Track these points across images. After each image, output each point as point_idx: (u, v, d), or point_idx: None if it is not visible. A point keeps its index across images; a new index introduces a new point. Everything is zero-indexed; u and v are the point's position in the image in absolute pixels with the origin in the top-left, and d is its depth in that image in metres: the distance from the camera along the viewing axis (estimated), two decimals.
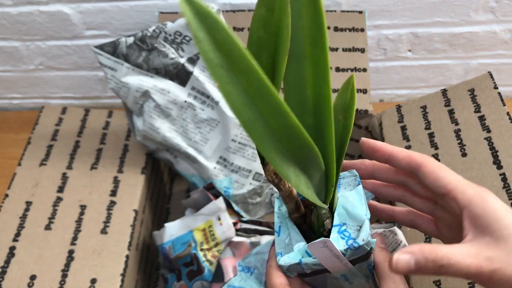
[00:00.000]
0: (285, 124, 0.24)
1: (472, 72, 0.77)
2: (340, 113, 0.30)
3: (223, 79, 0.22)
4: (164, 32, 0.53)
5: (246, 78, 0.22)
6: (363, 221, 0.30)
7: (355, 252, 0.30)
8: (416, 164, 0.33)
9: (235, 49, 0.22)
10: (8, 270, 0.47)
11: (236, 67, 0.22)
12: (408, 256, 0.29)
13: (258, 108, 0.24)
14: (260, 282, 0.46)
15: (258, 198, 0.61)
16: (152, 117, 0.54)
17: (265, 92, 0.23)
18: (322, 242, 0.29)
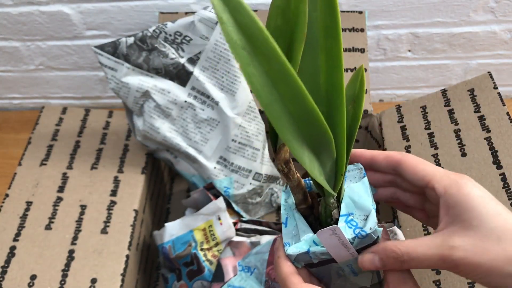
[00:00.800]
0: (304, 108, 0.25)
1: (472, 72, 0.77)
2: (349, 103, 0.30)
3: (245, 61, 0.23)
4: (164, 32, 0.53)
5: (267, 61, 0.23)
6: (370, 211, 0.31)
7: (362, 241, 0.31)
8: (395, 162, 0.34)
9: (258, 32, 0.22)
10: (8, 269, 0.47)
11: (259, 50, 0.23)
12: (372, 255, 0.30)
13: (278, 91, 0.24)
14: (260, 281, 0.46)
15: (258, 198, 0.61)
16: (152, 117, 0.54)
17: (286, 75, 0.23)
18: (331, 230, 0.29)
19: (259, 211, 0.64)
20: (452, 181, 0.31)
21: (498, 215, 0.29)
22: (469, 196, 0.29)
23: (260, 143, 0.58)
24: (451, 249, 0.28)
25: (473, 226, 0.28)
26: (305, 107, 0.25)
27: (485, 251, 0.28)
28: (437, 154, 0.51)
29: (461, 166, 0.49)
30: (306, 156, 0.28)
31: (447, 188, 0.31)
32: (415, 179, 0.33)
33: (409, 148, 0.54)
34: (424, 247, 0.29)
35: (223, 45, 0.53)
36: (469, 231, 0.28)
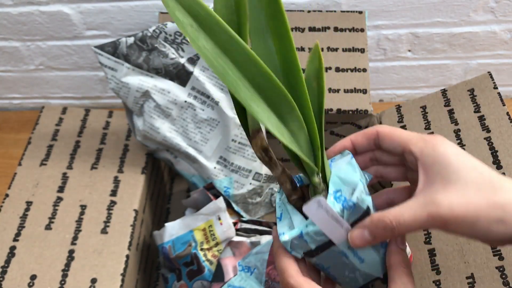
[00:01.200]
0: (258, 71, 0.27)
1: (472, 72, 0.77)
2: (313, 80, 0.32)
3: (194, 36, 0.26)
4: (164, 32, 0.53)
5: (214, 33, 0.26)
6: (357, 184, 0.31)
7: (352, 213, 0.31)
8: (371, 135, 0.35)
9: (202, 10, 0.25)
10: (8, 269, 0.47)
11: (205, 25, 0.26)
12: (360, 230, 0.31)
13: (230, 59, 0.27)
14: (260, 281, 0.46)
15: (258, 198, 0.61)
16: (152, 117, 0.54)
17: (235, 43, 0.26)
18: (316, 202, 0.30)
19: (259, 211, 0.64)
20: (427, 142, 0.32)
21: (474, 169, 0.30)
22: (445, 154, 0.30)
23: None
24: (437, 206, 0.29)
25: (453, 181, 0.29)
26: (259, 71, 0.27)
27: (468, 201, 0.28)
28: None
29: None
30: (272, 121, 0.29)
31: (423, 149, 0.31)
32: (392, 146, 0.33)
33: None
34: (410, 210, 0.29)
35: None
36: (449, 186, 0.29)
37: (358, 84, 0.61)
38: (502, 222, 0.28)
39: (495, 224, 0.28)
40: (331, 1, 0.66)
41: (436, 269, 0.45)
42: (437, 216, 0.29)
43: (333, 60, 0.62)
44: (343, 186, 0.32)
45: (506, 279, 0.41)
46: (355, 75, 0.61)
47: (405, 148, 0.32)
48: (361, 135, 0.35)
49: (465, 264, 0.44)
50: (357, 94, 0.61)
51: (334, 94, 0.61)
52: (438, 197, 0.29)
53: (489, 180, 0.29)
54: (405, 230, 0.30)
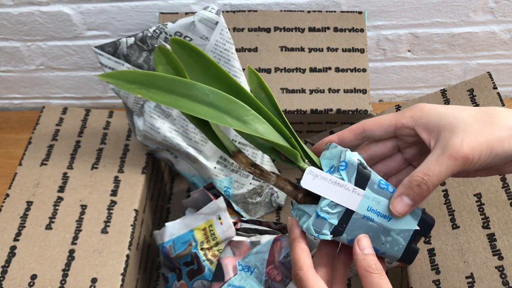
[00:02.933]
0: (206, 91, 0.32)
1: (471, 72, 0.77)
2: (260, 92, 0.36)
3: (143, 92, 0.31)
4: (164, 32, 0.53)
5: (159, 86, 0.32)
6: (341, 151, 0.33)
7: (348, 172, 0.32)
8: (358, 128, 0.36)
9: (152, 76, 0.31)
10: (9, 269, 0.47)
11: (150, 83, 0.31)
12: (399, 198, 0.33)
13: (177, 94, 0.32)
14: (260, 281, 0.46)
15: (258, 198, 0.61)
16: (153, 117, 0.54)
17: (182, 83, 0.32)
18: (309, 172, 0.32)
19: (259, 211, 0.64)
20: (413, 110, 0.34)
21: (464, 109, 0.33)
22: (433, 109, 0.33)
23: None
24: (454, 147, 0.31)
25: (454, 124, 0.32)
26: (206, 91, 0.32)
27: (480, 134, 0.31)
28: None
29: None
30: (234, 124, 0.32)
31: (413, 116, 0.34)
32: (384, 131, 0.35)
33: None
34: (433, 161, 0.31)
35: (223, 45, 0.54)
36: (455, 129, 0.32)
37: (358, 84, 0.61)
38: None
39: (506, 142, 0.31)
40: (331, 1, 0.66)
41: (436, 269, 0.45)
42: (458, 155, 0.31)
43: (333, 60, 0.62)
44: (333, 161, 0.33)
45: (506, 279, 0.41)
46: (355, 75, 0.62)
47: (396, 125, 0.34)
48: (347, 131, 0.36)
49: (464, 264, 0.44)
50: (357, 94, 0.61)
51: (334, 94, 0.61)
52: (451, 141, 0.31)
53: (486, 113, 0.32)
54: (436, 181, 0.31)
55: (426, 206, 0.50)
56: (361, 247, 0.32)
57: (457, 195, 0.48)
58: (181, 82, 0.31)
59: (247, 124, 0.32)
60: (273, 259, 0.46)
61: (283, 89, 0.61)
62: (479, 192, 0.47)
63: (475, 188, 0.48)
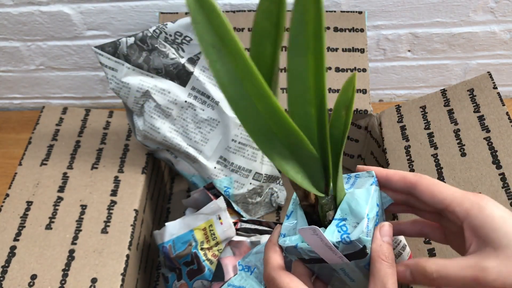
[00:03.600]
0: (269, 107, 0.26)
1: (471, 72, 0.77)
2: (342, 109, 0.31)
3: (214, 58, 0.25)
4: (164, 32, 0.53)
5: (234, 60, 0.25)
6: (361, 219, 0.31)
7: (348, 247, 0.31)
8: (411, 183, 0.34)
9: (227, 33, 0.24)
10: (8, 269, 0.47)
11: (227, 49, 0.25)
12: (404, 268, 0.31)
13: (244, 88, 0.26)
14: (260, 281, 0.46)
15: (258, 198, 0.61)
16: (153, 117, 0.54)
17: (251, 74, 0.25)
18: (312, 229, 0.30)
19: (259, 211, 0.64)
20: (473, 203, 0.31)
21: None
22: (492, 217, 0.30)
23: None
24: (485, 270, 0.28)
25: (503, 246, 0.29)
26: (270, 106, 0.26)
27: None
28: (436, 154, 0.51)
29: (461, 166, 0.49)
30: (276, 154, 0.29)
31: (468, 211, 0.31)
32: (432, 202, 0.33)
33: (409, 148, 0.54)
34: (457, 267, 0.29)
35: None
36: (499, 251, 0.29)
37: (358, 84, 0.61)
38: None
39: None
40: (331, 1, 0.66)
41: None
42: (483, 281, 0.28)
43: (333, 60, 0.62)
44: (350, 216, 0.32)
45: None
46: None
47: (447, 207, 0.32)
48: (398, 178, 0.34)
49: None
50: (357, 94, 0.61)
51: (334, 94, 0.61)
52: (488, 262, 0.29)
53: None
54: (445, 284, 0.29)
55: None
56: (381, 233, 0.32)
57: None
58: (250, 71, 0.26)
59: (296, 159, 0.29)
60: None
61: (283, 89, 0.61)
62: (479, 192, 0.47)
63: (475, 188, 0.48)
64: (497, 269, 0.28)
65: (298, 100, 0.28)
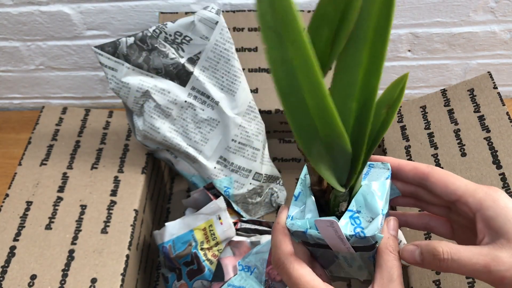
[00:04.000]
0: (320, 104, 0.24)
1: (472, 72, 0.77)
2: (383, 107, 0.30)
3: (272, 44, 0.23)
4: (164, 32, 0.53)
5: (294, 49, 0.23)
6: (377, 215, 0.31)
7: (360, 241, 0.31)
8: (423, 174, 0.33)
9: (292, 19, 0.22)
10: (8, 269, 0.47)
11: (288, 36, 0.22)
12: (414, 248, 0.31)
13: (298, 81, 0.24)
14: (260, 281, 0.46)
15: (258, 198, 0.61)
16: (153, 117, 0.54)
17: (309, 67, 0.23)
18: (329, 222, 0.30)
19: (259, 211, 0.64)
20: (487, 194, 0.31)
21: None
22: (507, 208, 0.30)
23: (260, 143, 0.58)
24: (497, 259, 0.28)
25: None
26: (322, 104, 0.25)
27: None
28: (437, 154, 0.51)
29: (461, 166, 0.49)
30: (315, 150, 0.27)
31: (482, 202, 0.31)
32: (445, 193, 0.32)
33: (409, 148, 0.54)
34: (469, 252, 0.29)
35: (223, 45, 0.54)
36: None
37: None
38: None
39: None
40: None
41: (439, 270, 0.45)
42: (495, 270, 0.28)
43: None
44: (364, 209, 0.32)
45: None
46: None
47: (460, 198, 0.32)
48: (410, 168, 0.34)
49: None
50: None
51: None
52: (501, 253, 0.29)
53: None
54: (455, 268, 0.29)
55: None
56: (389, 227, 0.32)
57: None
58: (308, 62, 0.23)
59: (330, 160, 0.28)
60: None
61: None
62: None
63: None
64: (510, 259, 0.28)
65: (340, 93, 0.27)
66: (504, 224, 0.29)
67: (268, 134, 0.64)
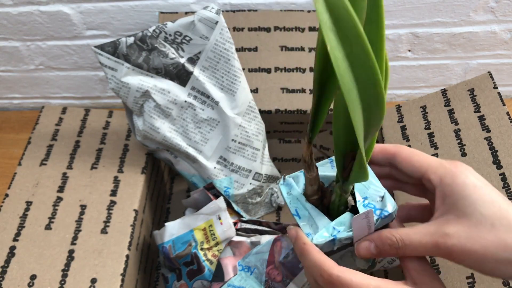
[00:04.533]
0: (375, 94, 0.25)
1: (472, 72, 0.77)
2: None
3: (333, 44, 0.23)
4: (164, 32, 0.53)
5: (350, 44, 0.23)
6: (383, 192, 0.32)
7: (383, 221, 0.32)
8: (390, 154, 0.34)
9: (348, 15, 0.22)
10: (8, 269, 0.47)
11: (343, 32, 0.23)
12: (368, 243, 0.31)
13: (355, 75, 0.24)
14: (260, 281, 0.46)
15: (258, 198, 0.61)
16: (152, 117, 0.54)
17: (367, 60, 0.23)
18: (365, 214, 0.31)
19: (259, 211, 0.64)
20: (447, 170, 0.31)
21: (492, 203, 0.29)
22: (464, 185, 0.30)
23: (260, 143, 0.58)
24: (445, 236, 0.29)
25: (467, 214, 0.29)
26: (376, 94, 0.25)
27: (478, 238, 0.28)
28: (437, 154, 0.51)
29: None
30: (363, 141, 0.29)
31: (442, 178, 0.31)
32: (410, 171, 0.33)
33: None
34: (419, 234, 0.30)
35: (223, 45, 0.53)
36: (462, 218, 0.29)
37: None
38: (511, 264, 0.28)
39: (503, 266, 0.28)
40: None
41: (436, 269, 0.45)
42: (443, 247, 0.29)
43: None
44: (368, 193, 0.32)
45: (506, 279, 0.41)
46: None
47: (424, 175, 0.32)
48: (378, 150, 0.35)
49: None
50: None
51: None
52: (448, 228, 0.29)
53: (506, 216, 0.28)
54: (409, 252, 0.30)
55: None
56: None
57: None
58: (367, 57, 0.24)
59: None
60: (273, 259, 0.46)
61: (283, 89, 0.61)
62: None
63: None
64: (456, 235, 0.29)
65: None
66: (456, 201, 0.30)
67: (268, 134, 0.64)
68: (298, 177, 0.35)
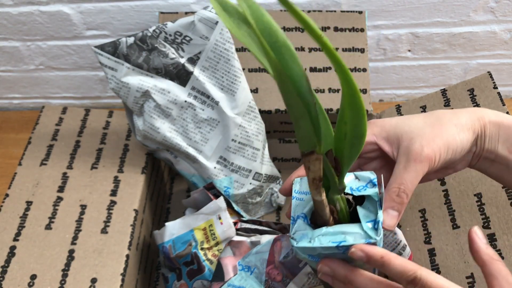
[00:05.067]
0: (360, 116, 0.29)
1: (472, 72, 0.77)
2: None
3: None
4: (164, 32, 0.53)
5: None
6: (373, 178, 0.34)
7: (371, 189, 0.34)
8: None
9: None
10: (8, 269, 0.47)
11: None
12: (387, 212, 0.34)
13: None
14: (260, 281, 0.46)
15: (258, 198, 0.61)
16: (153, 117, 0.54)
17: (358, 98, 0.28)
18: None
19: (259, 211, 0.64)
20: (370, 127, 0.37)
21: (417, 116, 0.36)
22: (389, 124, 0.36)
23: (260, 143, 0.58)
24: (419, 153, 0.34)
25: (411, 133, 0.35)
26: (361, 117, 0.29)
27: (434, 136, 0.34)
28: None
29: None
30: None
31: (374, 133, 0.37)
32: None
33: None
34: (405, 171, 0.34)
35: (223, 45, 0.53)
36: (413, 137, 0.35)
37: (358, 84, 0.61)
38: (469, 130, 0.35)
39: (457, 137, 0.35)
40: (331, 1, 0.66)
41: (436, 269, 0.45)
42: (422, 158, 0.34)
43: None
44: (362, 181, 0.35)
45: None
46: (355, 75, 0.62)
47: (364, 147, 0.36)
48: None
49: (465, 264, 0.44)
50: None
51: (334, 94, 0.61)
52: (411, 147, 0.34)
53: (433, 116, 0.36)
54: (411, 187, 0.34)
55: (426, 206, 0.50)
56: (480, 237, 0.32)
57: (457, 195, 0.48)
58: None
59: None
60: (273, 259, 0.46)
61: None
62: (479, 192, 0.47)
63: (476, 188, 0.48)
64: (418, 144, 0.35)
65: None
66: (396, 133, 0.36)
67: (268, 134, 0.64)
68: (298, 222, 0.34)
